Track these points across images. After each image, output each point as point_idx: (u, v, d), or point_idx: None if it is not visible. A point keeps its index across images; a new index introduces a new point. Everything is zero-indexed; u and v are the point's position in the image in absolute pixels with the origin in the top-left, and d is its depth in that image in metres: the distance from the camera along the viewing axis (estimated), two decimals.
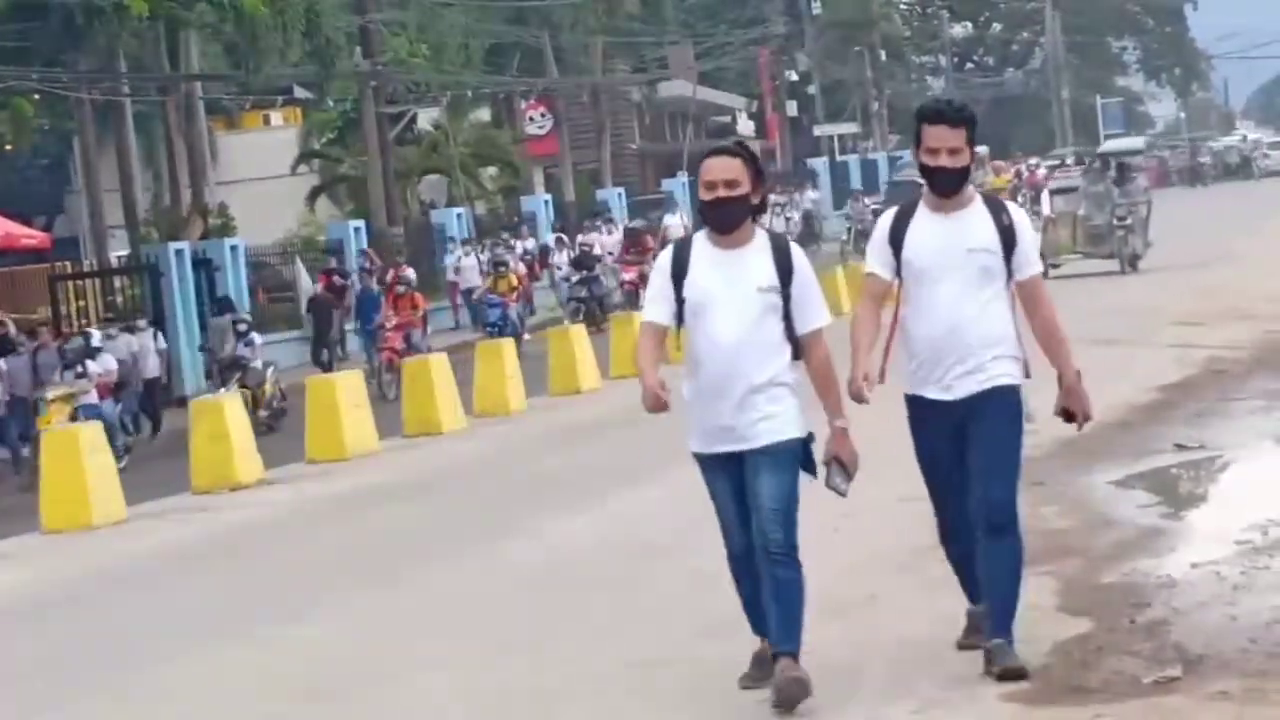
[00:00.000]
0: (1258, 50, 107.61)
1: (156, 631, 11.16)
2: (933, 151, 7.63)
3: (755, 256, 7.57)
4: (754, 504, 7.50)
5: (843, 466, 7.57)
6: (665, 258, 7.74)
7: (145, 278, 33.74)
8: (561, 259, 41.76)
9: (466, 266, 40.08)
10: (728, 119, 76.91)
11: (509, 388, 22.07)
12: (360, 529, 14.54)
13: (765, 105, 75.26)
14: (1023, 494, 7.97)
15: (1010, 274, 7.67)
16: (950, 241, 7.64)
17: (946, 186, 7.67)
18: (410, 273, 37.15)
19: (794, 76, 76.61)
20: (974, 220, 7.68)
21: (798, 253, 7.67)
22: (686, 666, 8.52)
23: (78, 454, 16.16)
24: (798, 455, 7.54)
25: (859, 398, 7.55)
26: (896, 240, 7.74)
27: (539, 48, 54.70)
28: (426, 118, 49.80)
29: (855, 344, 7.71)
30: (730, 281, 7.53)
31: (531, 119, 58.90)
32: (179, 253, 34.32)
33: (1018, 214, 7.78)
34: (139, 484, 18.49)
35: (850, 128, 79.03)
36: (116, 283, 34.52)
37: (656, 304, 7.67)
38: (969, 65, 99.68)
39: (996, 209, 7.75)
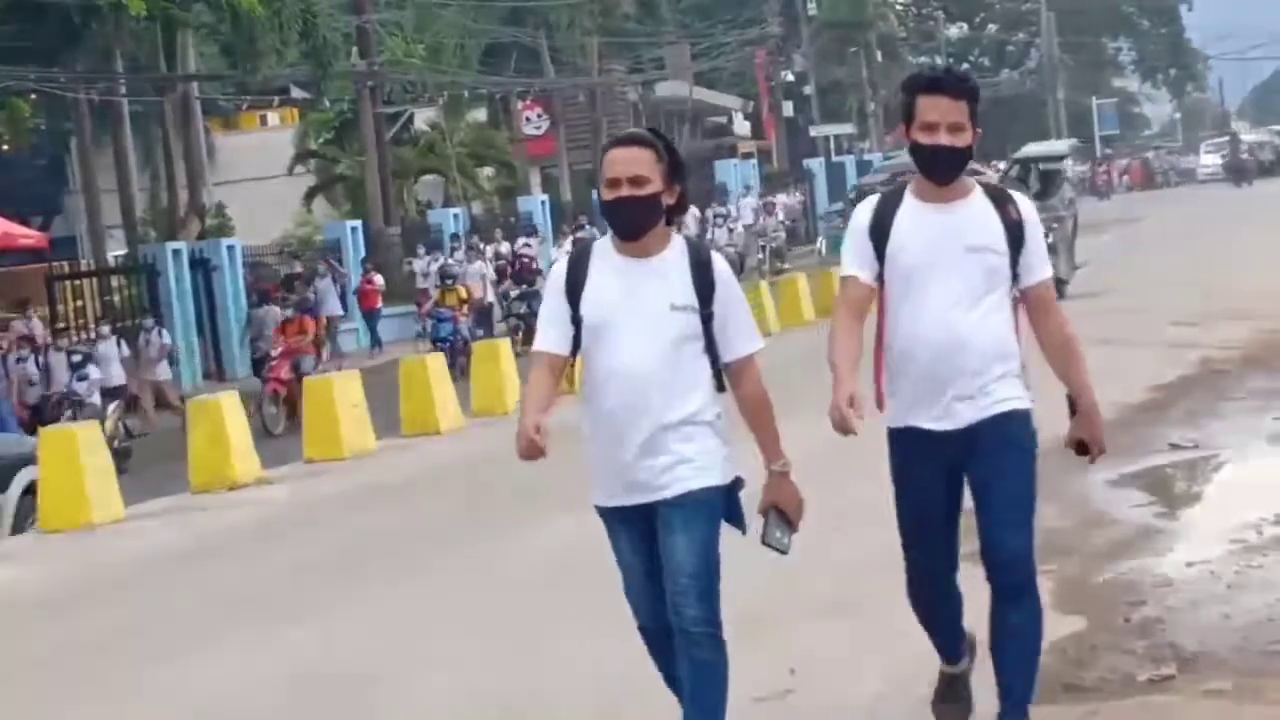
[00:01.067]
0: (1253, 50, 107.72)
1: (155, 631, 11.18)
2: (930, 127, 6.25)
3: (668, 269, 6.19)
4: (667, 569, 6.18)
5: (783, 516, 6.24)
6: (558, 271, 6.36)
7: (142, 278, 33.78)
8: (475, 269, 38.10)
9: (435, 273, 38.55)
10: (724, 119, 76.97)
11: (506, 388, 22.10)
12: (358, 528, 14.56)
13: (761, 106, 75.27)
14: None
15: (1016, 278, 6.33)
16: (946, 237, 6.26)
17: (947, 170, 6.29)
18: (379, 279, 36.95)
19: (790, 77, 76.62)
20: (975, 213, 6.32)
21: (721, 265, 6.27)
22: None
23: (76, 454, 16.18)
24: (718, 507, 6.21)
25: (844, 428, 6.12)
26: (880, 234, 6.36)
27: (535, 48, 54.74)
28: (423, 118, 49.88)
29: (835, 363, 6.29)
30: (636, 298, 6.16)
31: (528, 119, 58.95)
32: (176, 253, 34.39)
33: (1027, 207, 6.41)
34: (137, 484, 18.51)
35: (846, 128, 79.08)
36: (114, 282, 34.55)
37: (548, 328, 6.30)
38: (964, 66, 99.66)
39: (1001, 200, 6.38)
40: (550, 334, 6.29)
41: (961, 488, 6.41)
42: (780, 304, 30.63)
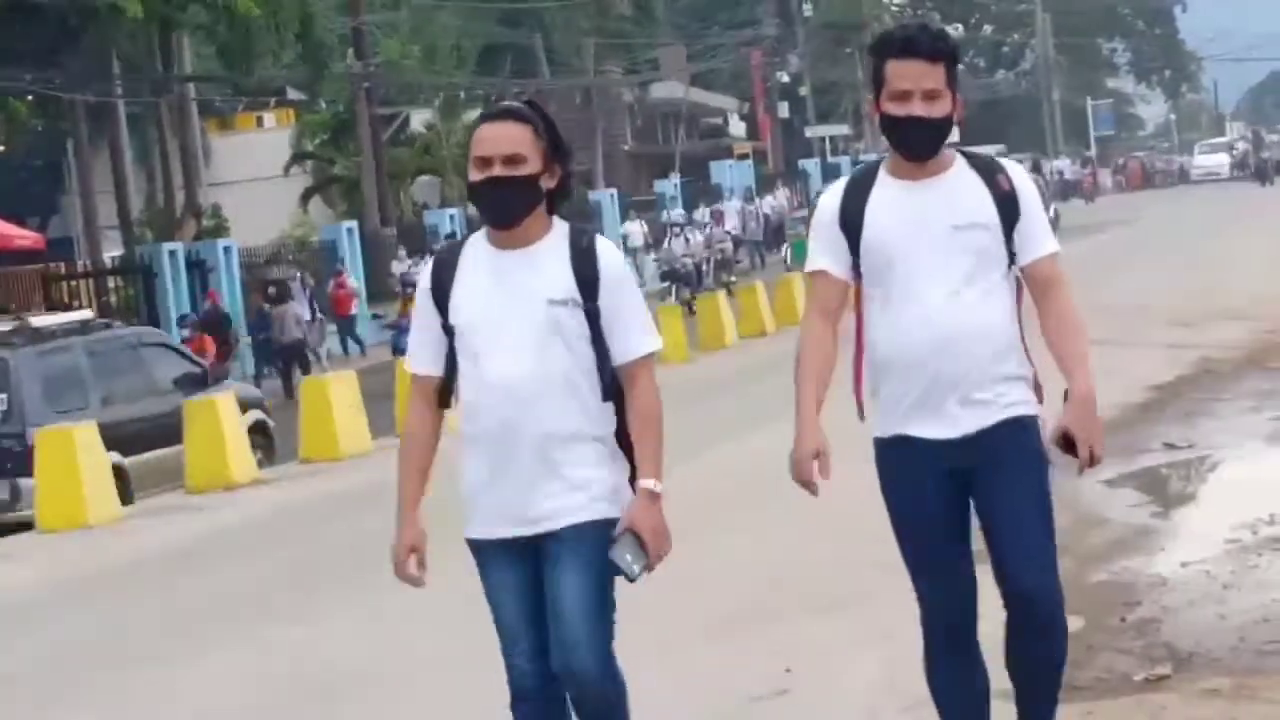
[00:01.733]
0: (1247, 52, 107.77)
1: (151, 631, 11.18)
2: (901, 96, 5.40)
3: (547, 259, 5.37)
4: (553, 612, 5.40)
5: (638, 540, 5.33)
6: (425, 274, 5.55)
7: (139, 278, 33.80)
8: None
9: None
10: (719, 120, 77.03)
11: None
12: (354, 529, 14.56)
13: (757, 107, 75.31)
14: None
15: (1012, 257, 5.50)
16: (928, 217, 5.43)
17: (923, 145, 5.45)
18: (352, 282, 36.27)
19: (785, 78, 76.70)
20: (959, 187, 5.49)
21: (608, 252, 5.41)
22: (680, 666, 8.56)
23: (73, 453, 16.19)
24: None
25: (806, 483, 5.48)
26: (851, 220, 5.51)
27: (531, 49, 54.76)
28: (419, 119, 49.93)
29: (799, 394, 5.50)
30: (510, 295, 5.35)
31: None
32: (172, 253, 34.39)
33: (1018, 174, 5.58)
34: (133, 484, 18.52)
35: (842, 129, 79.14)
36: (110, 283, 34.57)
37: (417, 346, 5.55)
38: (960, 67, 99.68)
39: (988, 169, 5.54)
40: (420, 353, 5.54)
41: (967, 504, 5.56)
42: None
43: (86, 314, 21.85)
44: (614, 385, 5.40)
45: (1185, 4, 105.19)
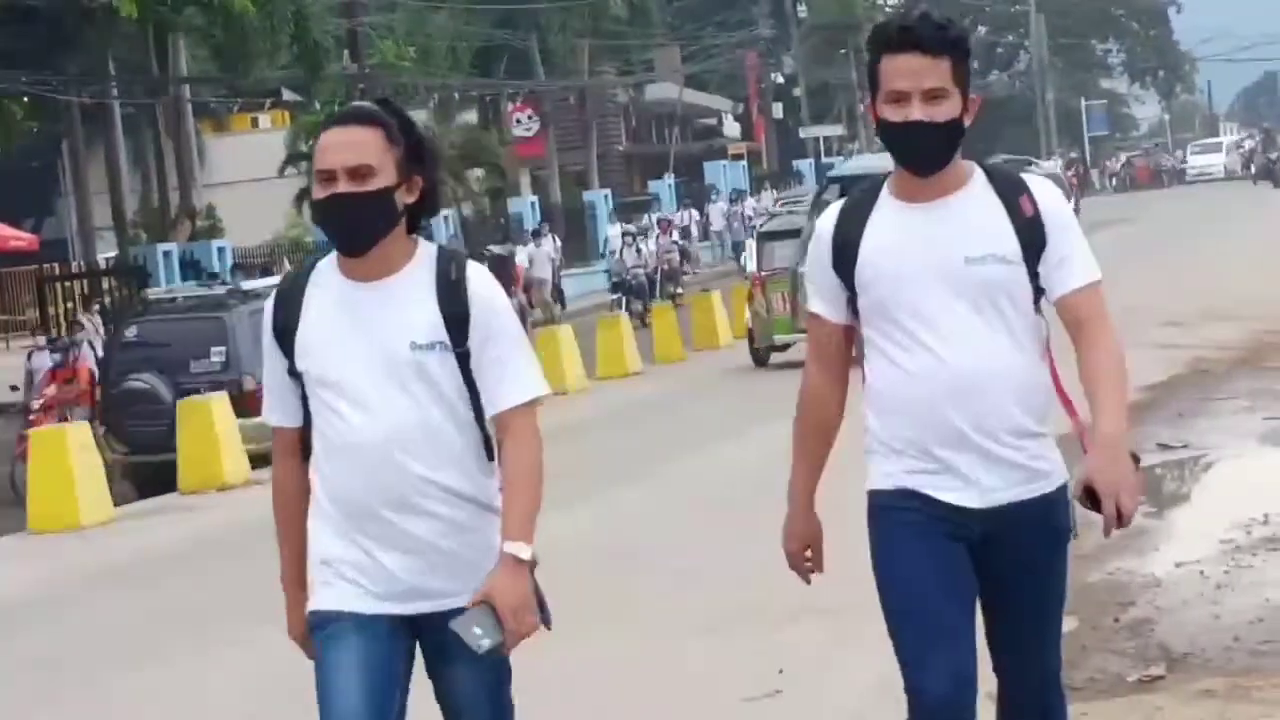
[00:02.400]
0: (1241, 53, 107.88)
1: (144, 632, 11.17)
2: (899, 98, 4.58)
3: (409, 294, 4.47)
4: (446, 709, 4.66)
5: (494, 613, 4.37)
6: (267, 309, 4.67)
7: (133, 279, 33.81)
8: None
9: None
10: (714, 121, 77.09)
11: None
12: None
13: (751, 107, 75.36)
14: None
15: (1040, 291, 4.66)
16: (937, 247, 4.60)
17: (926, 156, 4.61)
18: None
19: (780, 79, 76.76)
20: (974, 210, 4.64)
21: (481, 284, 4.47)
22: (673, 667, 8.56)
23: (65, 453, 16.17)
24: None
25: (798, 570, 4.99)
26: (846, 250, 4.69)
27: (526, 50, 54.78)
28: (414, 120, 49.96)
29: (794, 449, 4.88)
30: (366, 338, 4.47)
31: (519, 121, 58.94)
32: (167, 254, 34.43)
33: (1045, 193, 4.69)
34: (126, 484, 18.53)
35: (836, 130, 79.17)
36: (105, 284, 34.60)
37: (269, 394, 4.69)
38: (973, 62, 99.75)
39: (1010, 189, 4.67)
40: (272, 402, 4.69)
41: (973, 576, 4.70)
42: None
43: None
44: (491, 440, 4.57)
45: (1179, 5, 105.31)
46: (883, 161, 4.69)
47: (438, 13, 49.32)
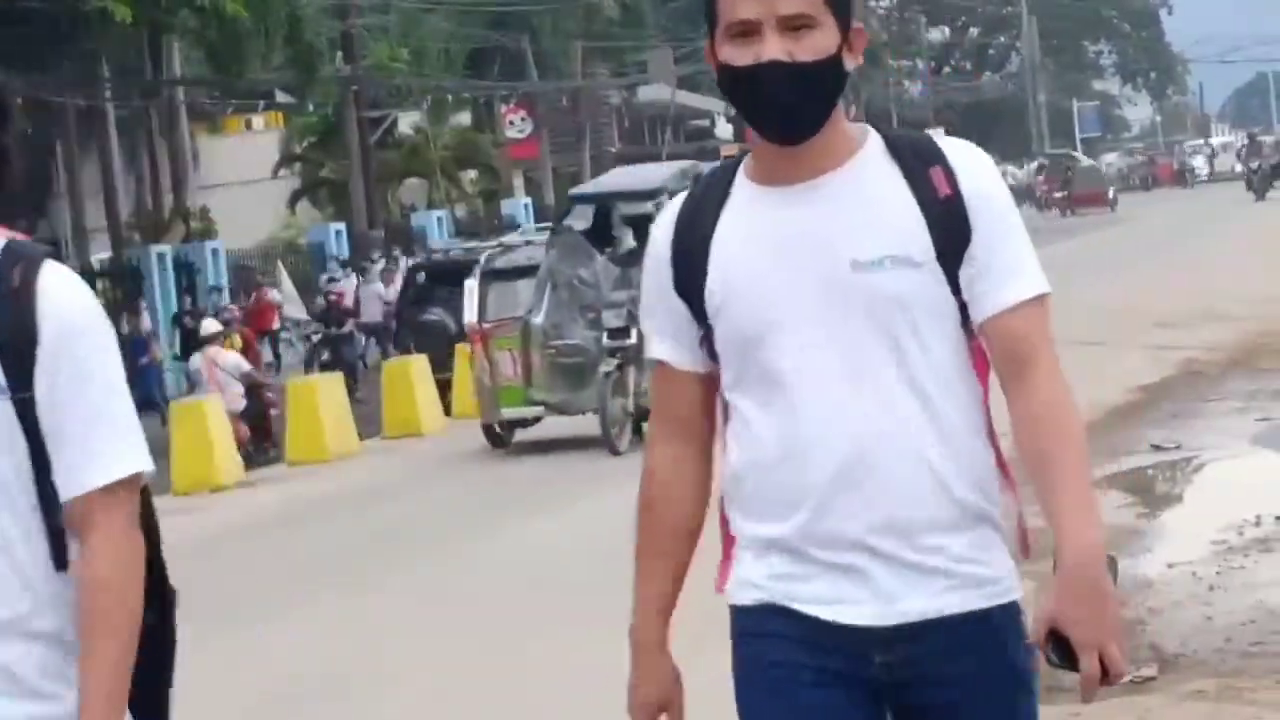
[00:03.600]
0: (1233, 54, 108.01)
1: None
2: (745, 31, 3.14)
3: None
4: None
5: None
6: None
7: (127, 281, 33.80)
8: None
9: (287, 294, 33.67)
10: (706, 122, 77.14)
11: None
12: (342, 530, 14.59)
13: None
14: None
15: (962, 306, 3.17)
16: (811, 249, 3.16)
17: (790, 114, 3.16)
18: (275, 295, 34.25)
19: None
20: (865, 192, 3.18)
21: (60, 297, 3.00)
22: None
23: None
24: None
25: None
26: (690, 264, 3.23)
27: (519, 52, 54.80)
28: (407, 122, 49.95)
29: (642, 568, 3.36)
30: None
31: (512, 123, 58.95)
32: (161, 256, 34.40)
33: (969, 162, 3.22)
34: None
35: None
36: (98, 285, 34.57)
37: None
38: (946, 69, 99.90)
39: (919, 158, 3.21)
40: None
41: None
42: None
43: None
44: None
45: (1171, 6, 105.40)
46: (656, 174, 3.12)
47: (431, 14, 49.31)
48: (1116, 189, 70.17)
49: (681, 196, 3.36)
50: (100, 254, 39.75)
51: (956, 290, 3.17)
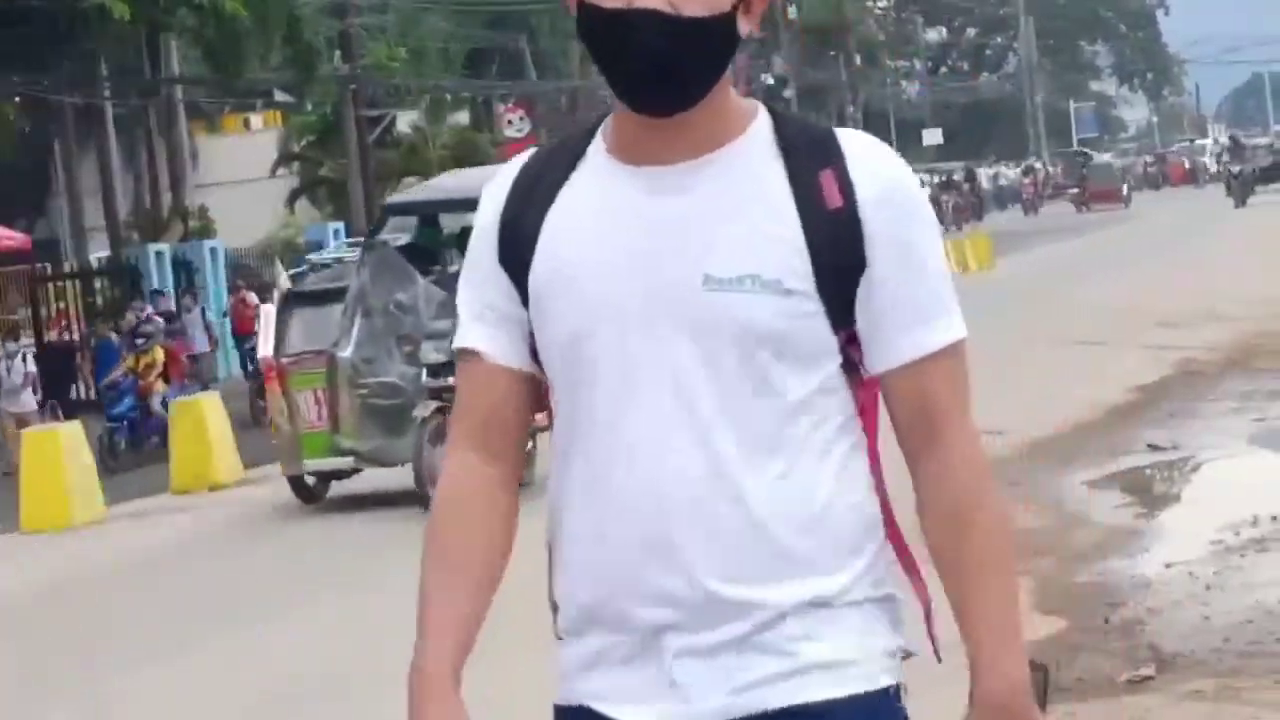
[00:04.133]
0: (1229, 55, 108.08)
1: (135, 632, 11.17)
2: None
3: None
4: None
5: None
6: None
7: (125, 279, 33.81)
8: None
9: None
10: None
11: None
12: (339, 529, 14.57)
13: None
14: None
15: (845, 346, 2.56)
16: (661, 253, 2.52)
17: (663, 77, 2.48)
18: (254, 297, 33.06)
19: (770, 80, 76.78)
20: (739, 188, 2.53)
21: None
22: None
23: (58, 454, 16.20)
24: None
25: None
26: (519, 241, 2.61)
27: (518, 51, 54.83)
28: (406, 121, 49.95)
29: (429, 595, 2.67)
30: None
31: (510, 122, 58.90)
32: (159, 254, 34.41)
33: (872, 163, 2.54)
34: (118, 484, 18.55)
35: None
36: (97, 284, 34.59)
37: None
38: (943, 70, 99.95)
39: (808, 154, 2.54)
40: None
41: None
42: None
43: None
44: None
45: (1167, 7, 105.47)
46: (471, 180, 2.43)
47: (429, 14, 49.33)
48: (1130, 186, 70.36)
49: (524, 155, 2.73)
50: (99, 253, 39.79)
51: (840, 326, 2.52)
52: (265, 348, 15.72)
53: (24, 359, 24.01)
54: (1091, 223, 56.84)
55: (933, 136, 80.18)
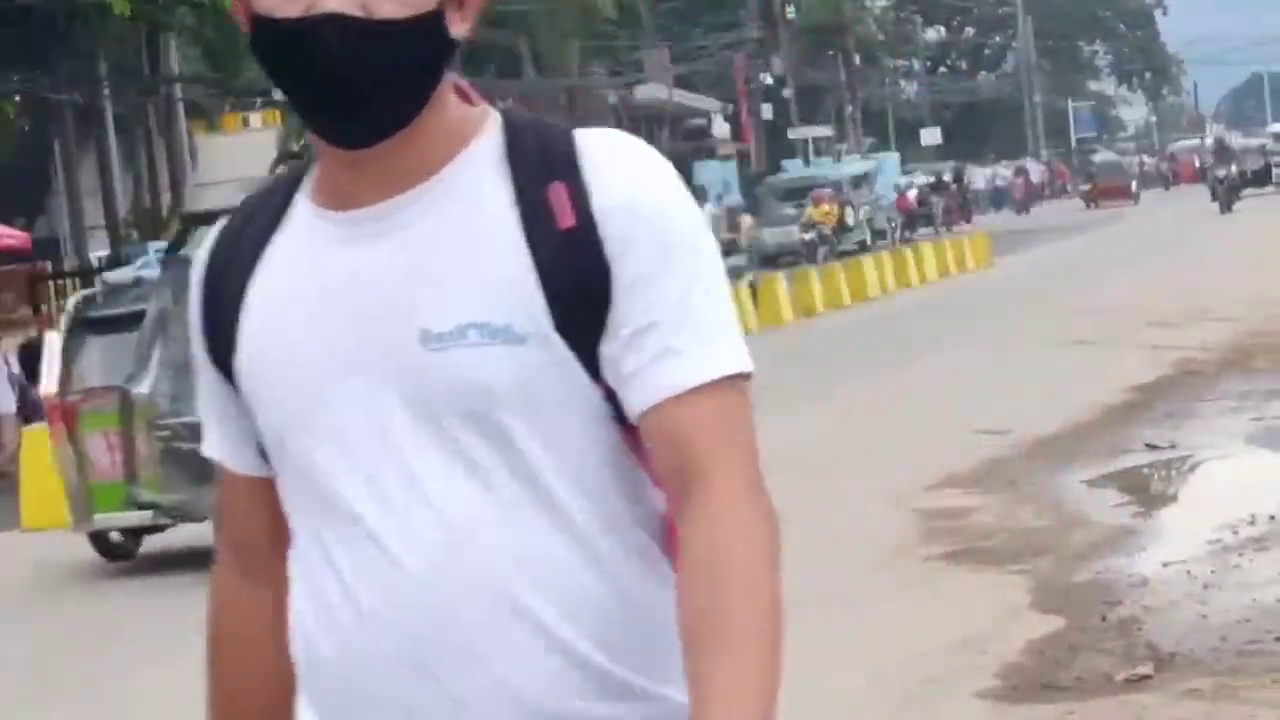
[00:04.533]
0: (1227, 55, 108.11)
1: (135, 631, 11.16)
2: None
3: None
4: None
5: None
6: None
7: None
8: None
9: None
10: (703, 121, 77.14)
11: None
12: None
13: (741, 108, 75.37)
14: (995, 495, 7.83)
15: (606, 396, 2.07)
16: (370, 313, 2.08)
17: (355, 101, 2.02)
18: None
19: (769, 80, 76.78)
20: (457, 221, 2.07)
21: None
22: None
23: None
24: None
25: None
26: (222, 325, 2.18)
27: (516, 51, 54.86)
28: None
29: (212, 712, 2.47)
30: None
31: None
32: (159, 253, 34.46)
33: (615, 169, 2.07)
34: None
35: (825, 131, 79.21)
36: (96, 283, 34.62)
37: None
38: (942, 69, 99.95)
39: (537, 168, 2.07)
40: None
41: None
42: (760, 305, 30.28)
43: None
44: None
45: (1165, 7, 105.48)
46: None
47: None
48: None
49: (222, 222, 2.27)
50: (98, 252, 39.80)
51: (592, 370, 2.07)
52: (49, 384, 13.35)
53: (5, 359, 23.49)
54: (1092, 222, 56.81)
55: (931, 136, 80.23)
